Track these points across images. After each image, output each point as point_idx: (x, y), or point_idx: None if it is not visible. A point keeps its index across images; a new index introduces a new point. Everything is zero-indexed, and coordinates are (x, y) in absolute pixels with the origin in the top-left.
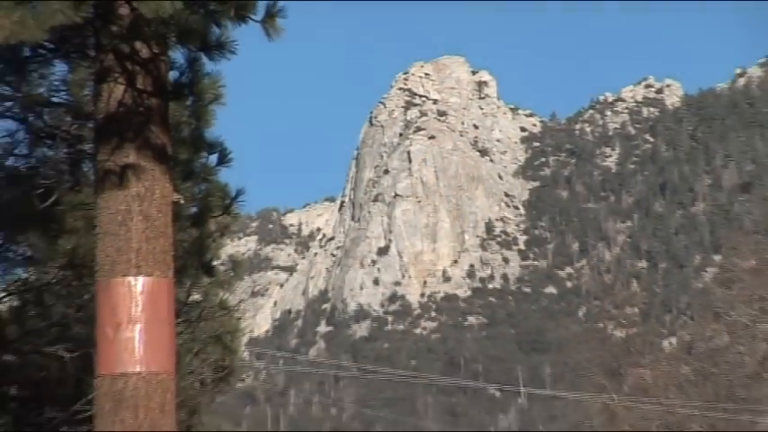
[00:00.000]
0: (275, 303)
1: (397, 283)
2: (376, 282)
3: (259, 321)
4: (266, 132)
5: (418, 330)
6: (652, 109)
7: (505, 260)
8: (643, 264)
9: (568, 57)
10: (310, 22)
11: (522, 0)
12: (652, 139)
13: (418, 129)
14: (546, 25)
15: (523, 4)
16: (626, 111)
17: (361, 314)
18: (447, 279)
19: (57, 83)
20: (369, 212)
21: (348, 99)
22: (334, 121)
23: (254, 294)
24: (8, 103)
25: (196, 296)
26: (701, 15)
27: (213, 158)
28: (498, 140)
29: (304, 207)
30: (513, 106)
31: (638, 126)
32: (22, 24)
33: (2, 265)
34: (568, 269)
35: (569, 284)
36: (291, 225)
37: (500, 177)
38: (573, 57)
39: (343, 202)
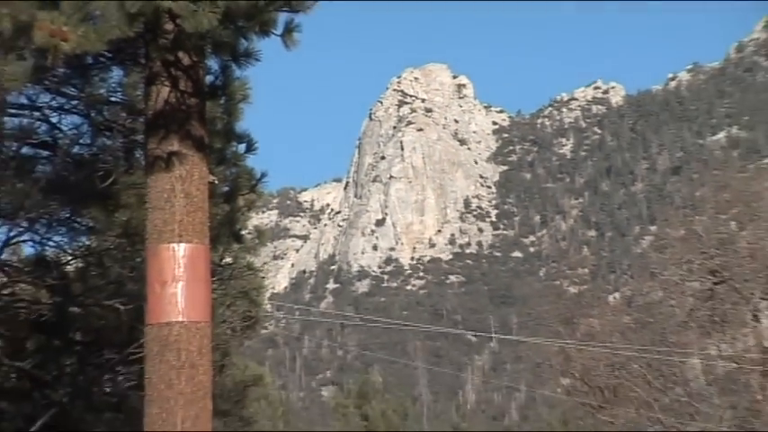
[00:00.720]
0: (292, 265)
1: (392, 249)
2: (374, 247)
3: (279, 280)
4: (287, 123)
5: (409, 287)
6: (600, 107)
7: (480, 230)
8: (592, 233)
9: (533, 63)
10: (321, 29)
11: (497, 13)
12: (600, 132)
13: (409, 123)
14: (515, 35)
15: (498, 17)
16: (578, 108)
17: (362, 274)
18: (432, 245)
19: (114, 85)
20: (369, 191)
21: (352, 97)
22: (341, 115)
23: (275, 258)
24: (74, 102)
25: (228, 259)
26: (641, 22)
27: (242, 147)
28: (474, 132)
29: (316, 186)
30: (486, 104)
31: (588, 120)
32: (86, 38)
33: (69, 234)
34: (531, 237)
35: (532, 250)
36: (305, 201)
37: (475, 162)
38: (536, 63)
39: (347, 182)
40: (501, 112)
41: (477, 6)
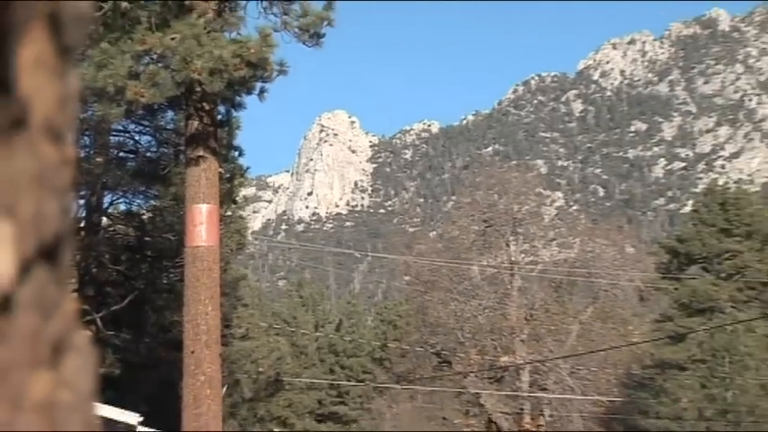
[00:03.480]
0: (263, 216)
1: (316, 208)
2: (306, 207)
3: (255, 224)
4: (262, 135)
5: (325, 228)
6: (425, 133)
7: (362, 198)
8: (421, 200)
9: (398, 101)
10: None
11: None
12: (425, 146)
13: (325, 141)
14: (388, 80)
15: (381, 69)
16: (414, 132)
17: (299, 221)
18: (337, 206)
19: (169, 119)
20: (304, 176)
21: (292, 125)
22: (287, 136)
23: (253, 212)
24: (147, 128)
25: (228, 213)
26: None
27: (236, 153)
28: (359, 146)
29: (276, 174)
30: (365, 131)
31: (420, 140)
32: (154, 95)
33: (144, 198)
34: (389, 202)
35: (390, 209)
36: (271, 181)
37: (360, 162)
38: (398, 100)
39: (293, 172)
40: (374, 135)
41: (366, 63)
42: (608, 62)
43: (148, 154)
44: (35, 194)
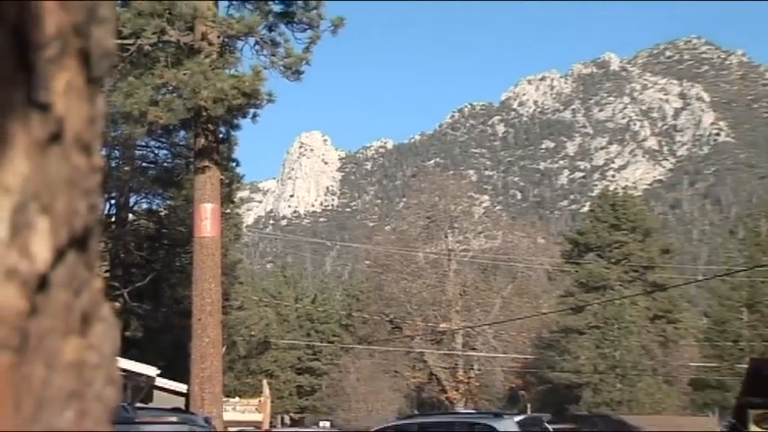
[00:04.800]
0: (255, 214)
1: (297, 207)
2: (289, 206)
3: (248, 220)
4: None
5: (303, 223)
6: (382, 149)
7: (332, 200)
8: (378, 201)
9: (364, 120)
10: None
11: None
12: (382, 159)
13: (303, 155)
14: (360, 101)
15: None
16: (373, 149)
17: (283, 217)
18: (313, 206)
19: (181, 137)
20: (287, 182)
21: (278, 142)
22: (273, 150)
23: (247, 210)
24: (164, 143)
25: (227, 210)
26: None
27: (234, 164)
28: (330, 158)
29: (267, 180)
30: (336, 147)
31: (378, 153)
32: (170, 118)
33: (161, 199)
34: (354, 203)
35: (355, 208)
36: (262, 187)
37: (331, 172)
38: (364, 120)
39: (279, 178)
40: (342, 150)
41: (336, 93)
42: (524, 94)
43: (165, 164)
44: (67, 195)
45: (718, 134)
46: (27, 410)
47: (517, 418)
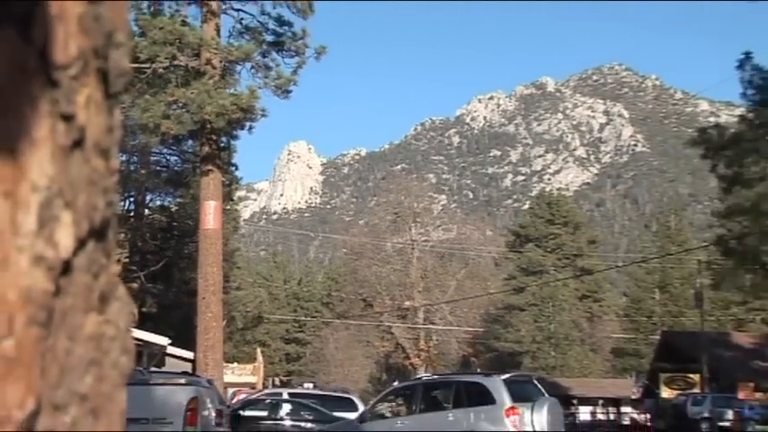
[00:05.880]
0: (250, 210)
1: (286, 204)
2: (279, 203)
3: (245, 215)
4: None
5: (291, 218)
6: (357, 156)
7: (317, 199)
8: (354, 200)
9: (344, 129)
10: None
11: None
12: (358, 164)
13: (291, 161)
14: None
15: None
16: (350, 154)
17: (275, 213)
18: (299, 204)
19: (189, 145)
20: (278, 184)
21: (270, 149)
22: (266, 156)
23: (244, 207)
24: (175, 150)
25: (228, 207)
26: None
27: (233, 168)
28: (314, 163)
29: (260, 181)
30: (318, 154)
31: (354, 159)
32: (179, 129)
33: (172, 196)
34: (334, 201)
35: (336, 204)
36: (257, 187)
37: (315, 176)
38: (345, 129)
39: (271, 180)
40: (323, 157)
41: (321, 107)
42: (475, 111)
43: (176, 168)
44: (88, 193)
45: (635, 145)
46: (52, 376)
47: (503, 377)
